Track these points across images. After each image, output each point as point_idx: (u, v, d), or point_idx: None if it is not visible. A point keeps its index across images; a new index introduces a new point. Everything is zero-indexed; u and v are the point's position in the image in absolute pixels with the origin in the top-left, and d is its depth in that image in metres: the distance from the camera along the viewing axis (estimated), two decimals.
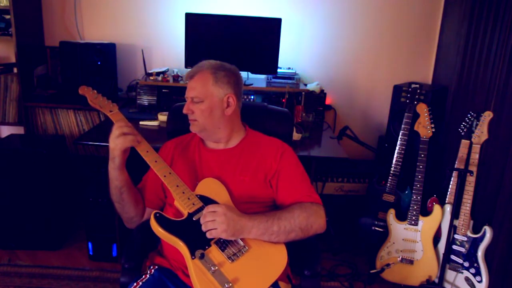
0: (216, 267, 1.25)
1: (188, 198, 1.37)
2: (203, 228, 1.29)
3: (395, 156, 2.40)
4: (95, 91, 1.46)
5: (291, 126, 1.80)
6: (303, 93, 2.71)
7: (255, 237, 1.33)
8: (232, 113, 1.52)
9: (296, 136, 2.38)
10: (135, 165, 1.49)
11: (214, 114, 1.47)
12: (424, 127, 2.30)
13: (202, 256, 1.26)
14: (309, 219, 1.39)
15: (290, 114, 1.81)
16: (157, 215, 1.34)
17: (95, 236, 2.50)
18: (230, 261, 1.28)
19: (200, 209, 1.36)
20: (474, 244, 2.18)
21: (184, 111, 1.49)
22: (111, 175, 1.41)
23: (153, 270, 1.42)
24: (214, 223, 1.28)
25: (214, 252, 1.29)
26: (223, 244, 1.31)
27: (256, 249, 1.33)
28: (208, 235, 1.29)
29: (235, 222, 1.30)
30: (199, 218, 1.34)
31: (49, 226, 2.58)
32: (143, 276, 1.40)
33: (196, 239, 1.30)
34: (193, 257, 1.26)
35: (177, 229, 1.32)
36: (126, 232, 1.57)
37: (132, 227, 1.54)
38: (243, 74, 2.93)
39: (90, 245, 2.51)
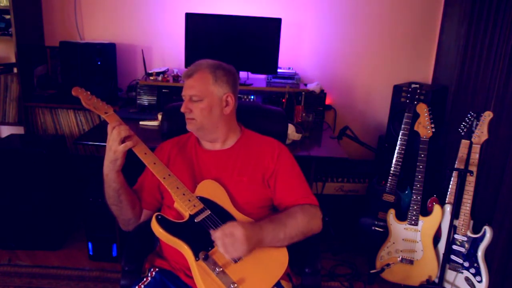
0: (221, 268, 1.25)
1: (189, 200, 1.37)
2: (222, 250, 1.26)
3: (395, 156, 2.40)
4: (89, 93, 1.43)
5: (285, 124, 1.80)
6: (303, 93, 2.71)
7: (264, 246, 1.34)
8: (230, 113, 1.52)
9: (296, 136, 2.38)
10: (129, 167, 1.47)
11: (213, 113, 1.48)
12: (424, 127, 2.30)
13: (206, 258, 1.26)
14: (310, 223, 1.43)
15: (284, 112, 1.81)
16: (159, 217, 1.34)
17: (95, 236, 2.49)
18: (233, 262, 1.28)
19: (201, 211, 1.36)
20: (474, 244, 2.18)
21: (182, 109, 1.48)
22: (108, 177, 1.39)
23: (154, 273, 1.41)
24: (234, 246, 1.25)
25: (217, 253, 1.29)
26: None
27: (258, 250, 1.34)
28: (229, 257, 1.27)
29: (252, 239, 1.28)
30: (201, 220, 1.34)
31: (49, 226, 2.58)
32: (144, 279, 1.39)
33: (199, 241, 1.30)
34: (197, 259, 1.26)
35: (180, 231, 1.32)
36: (126, 232, 1.56)
37: (129, 229, 1.54)
38: (243, 74, 2.94)
39: (90, 245, 2.51)
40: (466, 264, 2.21)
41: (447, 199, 2.30)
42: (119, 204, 1.44)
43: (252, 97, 2.80)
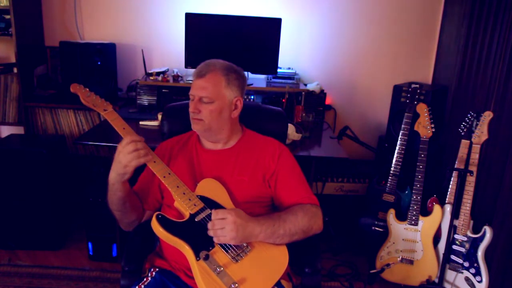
0: (222, 268, 1.25)
1: (189, 199, 1.37)
2: (211, 234, 1.28)
3: (395, 156, 2.40)
4: (87, 89, 1.42)
5: (285, 124, 1.80)
6: (303, 93, 2.71)
7: (262, 240, 1.34)
8: (237, 116, 1.52)
9: (296, 136, 2.38)
10: None
11: (221, 116, 1.47)
12: (424, 127, 2.30)
13: (206, 257, 1.26)
14: (310, 221, 1.42)
15: (284, 112, 1.81)
16: (159, 216, 1.33)
17: (95, 236, 2.49)
18: (234, 262, 1.28)
19: (201, 210, 1.36)
20: (474, 244, 2.18)
21: (191, 109, 1.46)
22: (114, 186, 1.36)
23: (154, 273, 1.41)
24: (223, 230, 1.27)
25: (218, 253, 1.29)
26: (226, 245, 1.31)
27: (259, 249, 1.34)
28: (217, 241, 1.29)
29: (244, 228, 1.29)
30: (201, 219, 1.34)
31: (49, 226, 2.58)
32: (144, 280, 1.38)
33: (200, 240, 1.30)
34: (197, 259, 1.26)
35: (180, 230, 1.31)
36: (126, 232, 1.56)
37: (130, 230, 1.53)
38: None
39: (90, 245, 2.51)
40: (466, 264, 2.21)
41: (447, 199, 2.30)
42: (123, 210, 1.43)
43: (252, 97, 2.80)
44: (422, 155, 2.29)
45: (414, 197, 2.30)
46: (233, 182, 1.47)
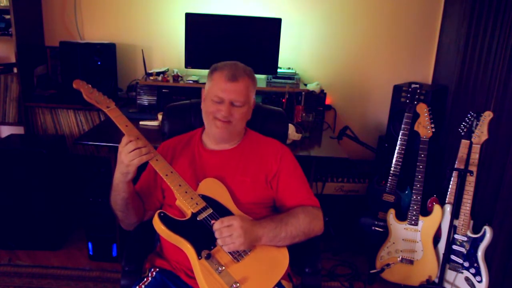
0: (223, 267, 1.25)
1: (191, 198, 1.37)
2: (220, 243, 1.28)
3: (395, 156, 2.40)
4: (90, 86, 1.41)
5: (286, 125, 1.80)
6: (303, 93, 2.71)
7: (264, 243, 1.35)
8: None
9: (296, 136, 2.38)
10: None
11: (245, 119, 1.52)
12: (424, 127, 2.30)
13: (208, 256, 1.26)
14: (311, 223, 1.43)
15: (285, 113, 1.81)
16: (161, 214, 1.33)
17: (95, 236, 2.49)
18: (235, 261, 1.28)
19: (203, 209, 1.36)
20: (474, 244, 2.18)
21: (225, 113, 1.44)
22: (118, 187, 1.35)
23: (154, 273, 1.41)
24: (231, 237, 1.27)
25: (219, 252, 1.29)
26: None
27: (260, 249, 1.34)
28: (226, 249, 1.29)
29: (250, 233, 1.30)
30: (203, 218, 1.34)
31: (49, 226, 2.58)
32: (145, 279, 1.38)
33: (202, 239, 1.30)
34: (199, 257, 1.26)
35: (182, 229, 1.31)
36: (126, 232, 1.56)
37: (131, 229, 1.53)
38: None
39: (90, 245, 2.51)
40: (466, 264, 2.21)
41: (447, 199, 2.30)
42: (126, 211, 1.43)
43: None
44: (422, 155, 2.29)
45: (414, 197, 2.30)
46: (235, 183, 1.47)
